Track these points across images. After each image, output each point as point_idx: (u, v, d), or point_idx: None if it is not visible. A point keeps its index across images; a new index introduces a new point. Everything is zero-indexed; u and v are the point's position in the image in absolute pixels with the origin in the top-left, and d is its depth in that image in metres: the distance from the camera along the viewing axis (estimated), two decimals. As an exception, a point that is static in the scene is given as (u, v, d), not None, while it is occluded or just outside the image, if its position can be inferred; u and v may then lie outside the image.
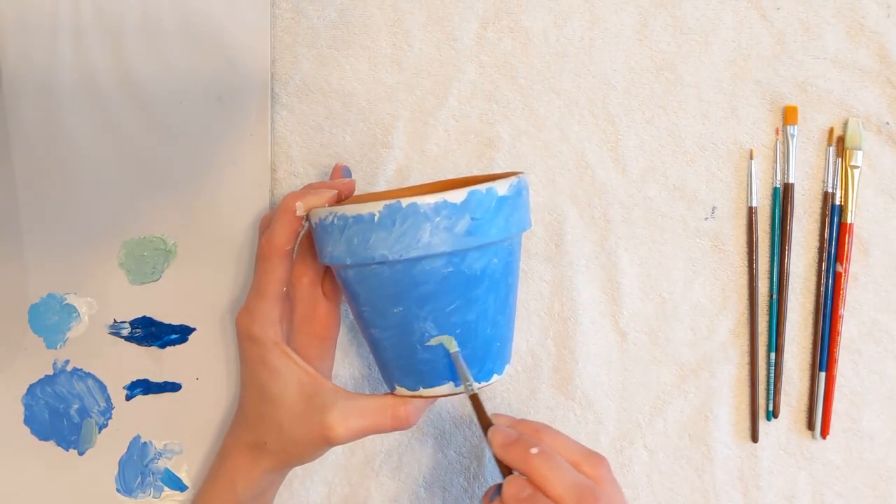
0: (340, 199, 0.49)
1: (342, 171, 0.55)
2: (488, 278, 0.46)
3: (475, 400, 0.47)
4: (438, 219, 0.43)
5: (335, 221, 0.45)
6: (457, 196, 0.43)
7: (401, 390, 0.48)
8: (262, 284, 0.49)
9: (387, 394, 0.50)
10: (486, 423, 0.47)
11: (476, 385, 0.47)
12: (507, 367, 0.49)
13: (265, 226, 0.52)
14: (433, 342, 0.46)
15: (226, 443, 0.52)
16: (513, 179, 0.46)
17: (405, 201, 0.43)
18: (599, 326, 0.58)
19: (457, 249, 0.44)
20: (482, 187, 0.44)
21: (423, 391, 0.48)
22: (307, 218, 0.48)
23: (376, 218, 0.43)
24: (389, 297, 0.45)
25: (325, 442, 0.47)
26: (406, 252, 0.44)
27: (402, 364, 0.47)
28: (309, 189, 0.50)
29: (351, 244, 0.45)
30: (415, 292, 0.45)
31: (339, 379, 0.58)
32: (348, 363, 0.58)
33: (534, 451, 0.44)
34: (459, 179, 0.53)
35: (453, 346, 0.46)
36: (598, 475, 0.45)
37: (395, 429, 0.49)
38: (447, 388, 0.47)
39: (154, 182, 0.56)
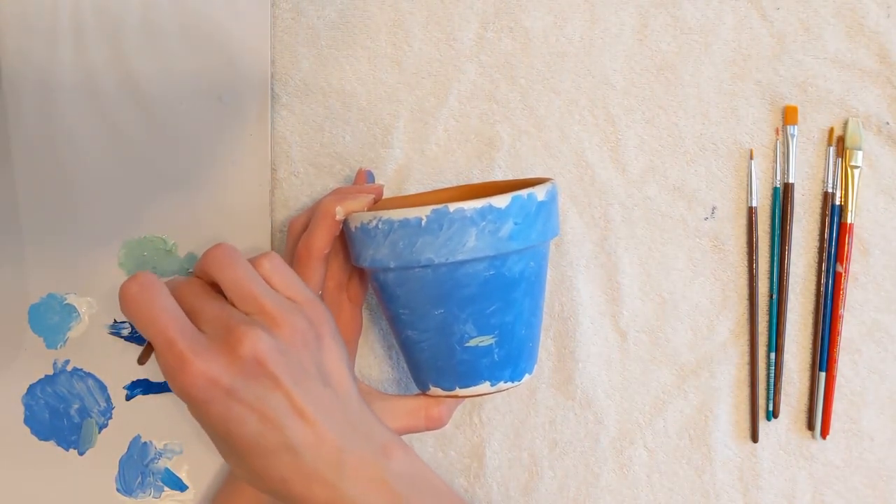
0: (378, 199, 0.50)
1: (367, 176, 0.56)
2: (525, 281, 0.47)
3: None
4: (484, 223, 0.45)
5: (379, 226, 0.46)
6: (501, 201, 0.45)
7: (435, 390, 0.49)
8: None
9: (419, 394, 0.50)
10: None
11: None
12: (535, 367, 0.51)
13: (297, 229, 0.52)
14: (472, 343, 0.47)
15: None
16: (548, 186, 0.47)
17: (452, 206, 0.44)
18: (599, 326, 0.58)
19: (500, 253, 0.45)
20: (524, 193, 0.45)
21: (459, 391, 0.49)
22: (344, 222, 0.48)
23: (423, 222, 0.44)
24: (431, 299, 0.46)
25: None
26: (452, 255, 0.45)
27: (440, 365, 0.48)
28: (343, 193, 0.50)
29: (396, 248, 0.45)
30: (457, 295, 0.46)
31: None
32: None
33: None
34: (471, 186, 0.54)
35: None
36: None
37: (429, 428, 0.50)
38: (483, 387, 0.48)
39: (154, 182, 0.56)
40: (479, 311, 0.47)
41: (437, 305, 0.46)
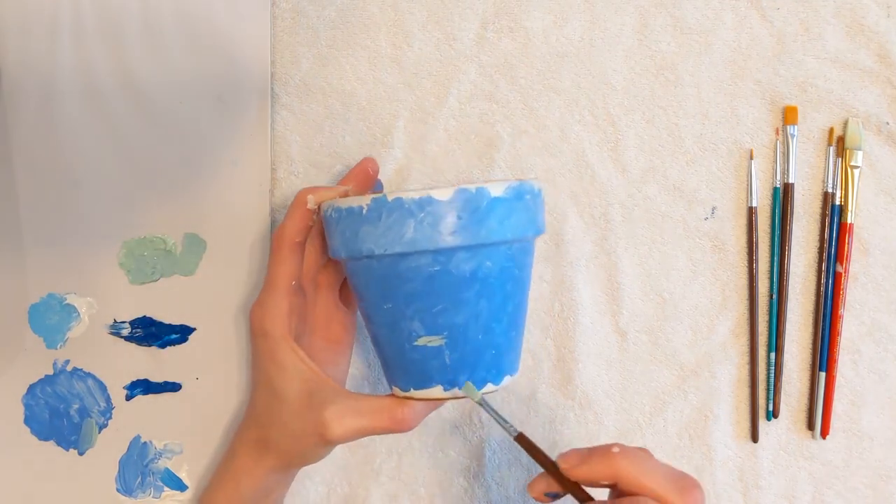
0: (363, 191, 0.50)
1: (369, 165, 0.53)
2: (479, 282, 0.44)
3: (522, 441, 0.45)
4: (422, 215, 0.43)
5: (332, 214, 0.46)
6: (443, 193, 0.43)
7: (396, 390, 0.48)
8: (273, 277, 0.49)
9: (387, 395, 0.49)
10: (542, 459, 0.44)
11: (512, 428, 0.46)
12: (508, 378, 0.47)
13: None
14: (420, 342, 0.45)
15: (234, 441, 0.52)
16: (512, 182, 0.45)
17: (391, 195, 0.43)
18: (599, 326, 0.58)
19: (442, 248, 0.43)
20: (472, 186, 0.43)
21: (413, 392, 0.47)
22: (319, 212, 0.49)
23: (364, 211, 0.44)
24: (379, 292, 0.45)
25: (323, 440, 0.47)
26: (391, 247, 0.43)
27: (395, 363, 0.47)
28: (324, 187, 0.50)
29: (344, 237, 0.45)
30: (402, 289, 0.45)
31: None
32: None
33: (615, 450, 0.42)
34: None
35: (476, 396, 0.46)
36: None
37: (393, 430, 0.48)
38: (436, 391, 0.46)
39: (154, 182, 0.56)
40: (425, 308, 0.45)
41: (385, 299, 0.45)
